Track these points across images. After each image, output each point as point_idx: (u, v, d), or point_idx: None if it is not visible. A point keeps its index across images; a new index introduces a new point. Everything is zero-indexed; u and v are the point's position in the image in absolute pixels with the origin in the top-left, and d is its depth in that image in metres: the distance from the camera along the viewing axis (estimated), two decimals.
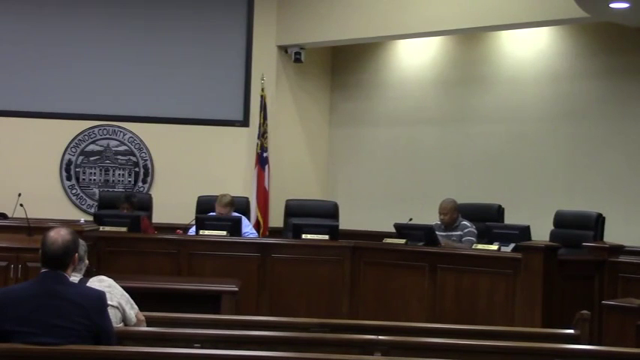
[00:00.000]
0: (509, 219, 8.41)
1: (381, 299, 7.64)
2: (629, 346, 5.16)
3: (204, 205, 8.96)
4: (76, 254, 3.92)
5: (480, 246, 7.43)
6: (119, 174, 10.26)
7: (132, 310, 4.47)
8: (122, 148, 10.27)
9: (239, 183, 9.99)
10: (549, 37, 9.05)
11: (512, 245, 7.18)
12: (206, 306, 6.34)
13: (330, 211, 9.10)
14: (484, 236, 7.72)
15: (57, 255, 3.81)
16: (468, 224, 7.99)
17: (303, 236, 8.11)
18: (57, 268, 3.81)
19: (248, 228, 8.58)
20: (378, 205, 10.10)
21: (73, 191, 10.22)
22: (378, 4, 9.49)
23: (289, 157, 10.37)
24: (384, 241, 7.98)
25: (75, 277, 4.15)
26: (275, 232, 9.53)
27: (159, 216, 9.38)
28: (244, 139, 10.23)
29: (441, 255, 7.44)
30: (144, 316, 4.55)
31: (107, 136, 10.27)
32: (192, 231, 8.32)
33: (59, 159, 10.22)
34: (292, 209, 9.26)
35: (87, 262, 4.52)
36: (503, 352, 4.20)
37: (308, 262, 7.91)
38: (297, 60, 10.22)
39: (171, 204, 9.72)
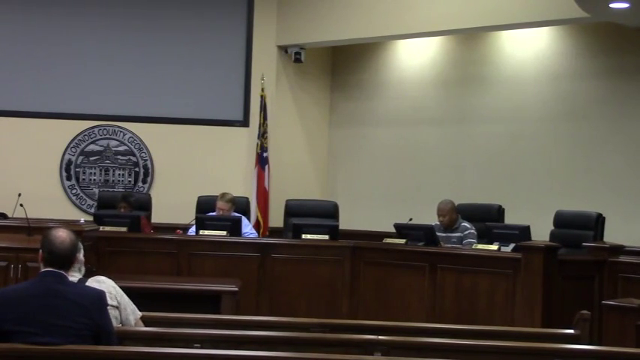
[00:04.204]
0: (509, 219, 8.41)
1: (381, 299, 7.64)
2: (629, 346, 5.16)
3: (204, 205, 8.96)
4: (79, 254, 3.95)
5: (480, 246, 7.43)
6: (119, 174, 10.27)
7: (132, 315, 4.43)
8: (122, 148, 10.27)
9: (239, 183, 9.99)
10: (549, 37, 9.05)
11: (512, 245, 7.18)
12: (206, 306, 6.34)
13: (330, 211, 9.10)
14: (484, 236, 7.71)
15: (66, 254, 3.83)
16: (468, 225, 7.99)
17: (303, 236, 8.10)
18: (63, 267, 3.82)
19: (248, 228, 8.58)
20: (378, 205, 10.10)
21: (73, 191, 10.23)
22: (378, 4, 9.49)
23: (289, 157, 10.37)
24: (384, 241, 7.98)
25: (74, 277, 4.14)
26: (275, 232, 9.53)
27: (159, 216, 9.38)
28: (244, 139, 10.23)
29: (441, 255, 7.43)
30: (144, 316, 4.52)
31: (107, 136, 10.27)
32: (192, 231, 8.32)
33: (59, 159, 10.22)
34: (292, 209, 9.25)
35: (82, 259, 4.49)
36: (503, 352, 4.20)
37: (308, 262, 7.91)
38: (297, 60, 10.22)
39: (171, 204, 9.72)
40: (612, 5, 7.43)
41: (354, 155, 10.54)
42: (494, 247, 7.27)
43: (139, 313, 4.48)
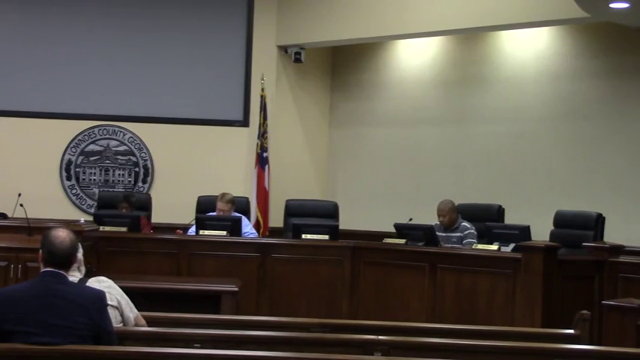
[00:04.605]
0: (509, 219, 8.41)
1: (381, 299, 7.64)
2: (629, 346, 5.16)
3: (204, 205, 8.96)
4: (78, 253, 3.96)
5: (480, 246, 7.43)
6: (119, 174, 10.27)
7: (131, 312, 4.44)
8: (122, 148, 10.27)
9: (239, 183, 9.99)
10: (549, 37, 9.05)
11: (512, 245, 7.18)
12: (206, 306, 6.34)
13: (330, 211, 9.10)
14: (484, 236, 7.71)
15: (66, 254, 3.84)
16: (468, 225, 7.99)
17: (303, 236, 8.10)
18: (64, 267, 3.84)
19: (248, 228, 8.58)
20: (378, 205, 10.10)
21: (73, 191, 10.23)
22: (378, 4, 9.48)
23: (289, 157, 10.37)
24: (384, 241, 7.98)
25: (74, 277, 4.14)
26: (275, 232, 9.52)
27: (159, 216, 9.38)
28: (244, 139, 10.23)
29: (441, 255, 7.43)
30: (144, 316, 4.53)
31: (107, 136, 10.27)
32: (192, 231, 8.32)
33: (59, 159, 10.23)
34: (292, 209, 9.25)
35: (82, 258, 4.49)
36: (503, 352, 4.19)
37: (308, 262, 7.90)
38: (297, 60, 10.22)
39: (171, 204, 9.72)
40: (612, 5, 7.43)
41: (354, 155, 10.54)
42: (494, 247, 7.26)
43: (137, 312, 4.49)
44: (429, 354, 4.10)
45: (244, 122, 10.29)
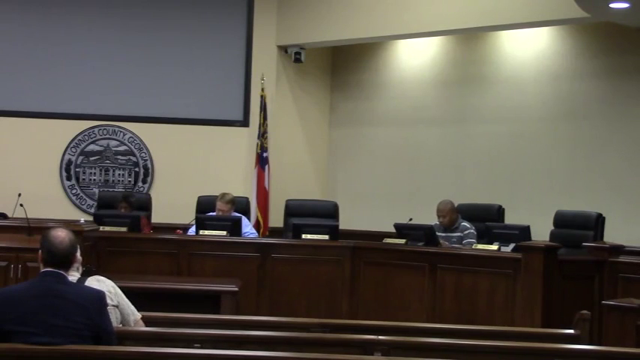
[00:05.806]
0: (509, 219, 8.41)
1: (381, 299, 7.64)
2: (629, 346, 5.16)
3: (204, 205, 8.96)
4: (77, 253, 3.96)
5: (480, 246, 7.43)
6: (119, 174, 10.27)
7: (132, 316, 4.42)
8: (122, 148, 10.27)
9: (239, 183, 9.99)
10: (549, 37, 9.05)
11: (512, 245, 7.18)
12: (206, 306, 6.34)
13: (330, 211, 9.10)
14: (484, 236, 7.71)
15: (65, 254, 3.85)
16: (468, 225, 7.99)
17: (303, 236, 8.10)
18: (63, 267, 3.84)
19: (248, 228, 8.58)
20: (378, 205, 10.10)
21: (73, 191, 10.23)
22: (378, 4, 9.49)
23: (289, 157, 10.37)
24: (384, 241, 7.98)
25: (73, 277, 4.14)
26: (275, 232, 9.53)
27: (159, 216, 9.38)
28: (244, 139, 10.23)
29: (441, 255, 7.43)
30: (144, 316, 4.51)
31: (107, 136, 10.27)
32: (192, 231, 8.32)
33: (59, 159, 10.22)
34: (292, 209, 9.25)
35: (80, 258, 4.49)
36: (503, 352, 4.19)
37: (308, 262, 7.91)
38: (297, 60, 10.22)
39: (171, 204, 9.72)
40: (612, 5, 7.43)
41: (354, 155, 10.54)
42: (494, 247, 7.27)
43: (139, 315, 4.47)
44: (429, 354, 4.10)
45: (244, 122, 10.30)
